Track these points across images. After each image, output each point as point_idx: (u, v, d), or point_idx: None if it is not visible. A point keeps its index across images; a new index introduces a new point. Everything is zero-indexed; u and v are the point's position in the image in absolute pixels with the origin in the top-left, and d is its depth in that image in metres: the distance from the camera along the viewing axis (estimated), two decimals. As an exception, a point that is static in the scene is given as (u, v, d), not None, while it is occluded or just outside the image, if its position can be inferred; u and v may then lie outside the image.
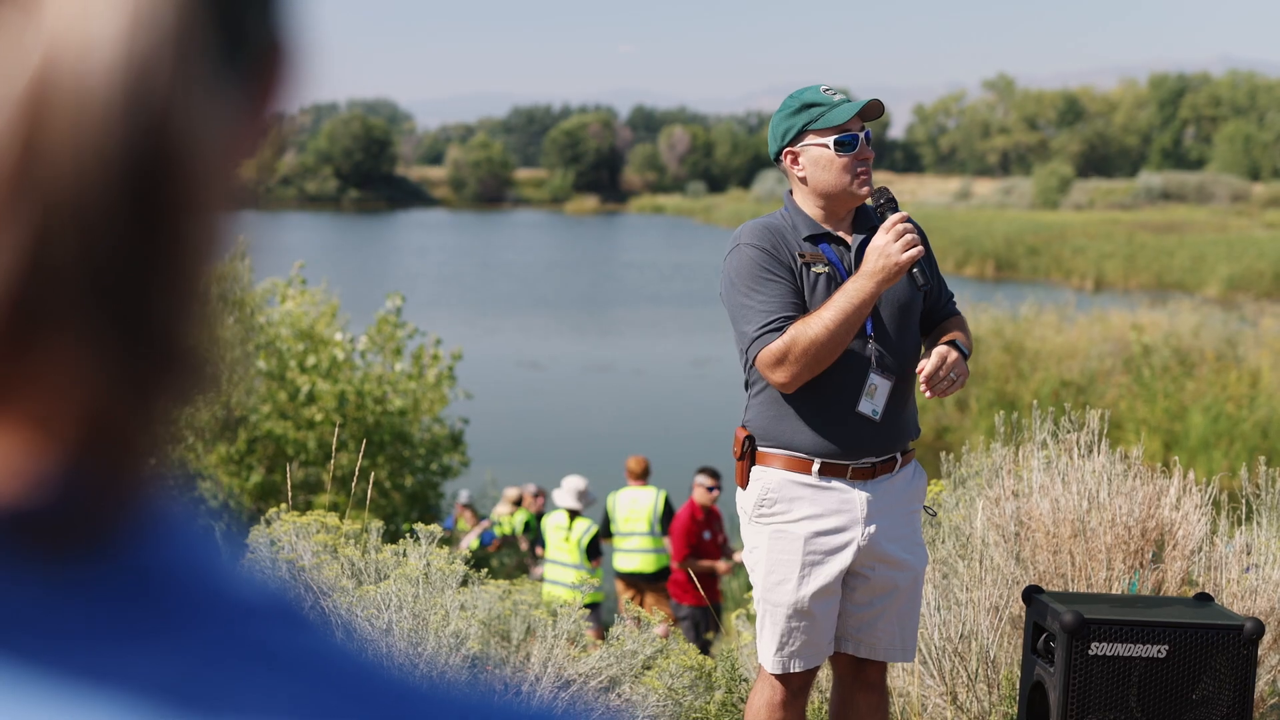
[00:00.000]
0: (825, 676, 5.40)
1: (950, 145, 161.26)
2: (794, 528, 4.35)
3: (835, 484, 4.35)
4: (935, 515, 5.86)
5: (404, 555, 5.39)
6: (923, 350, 4.57)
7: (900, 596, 4.46)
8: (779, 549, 4.37)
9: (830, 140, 4.32)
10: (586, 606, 5.46)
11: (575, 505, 12.27)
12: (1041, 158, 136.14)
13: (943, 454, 6.87)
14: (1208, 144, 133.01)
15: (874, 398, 4.36)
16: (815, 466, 4.34)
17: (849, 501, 4.36)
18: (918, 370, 4.35)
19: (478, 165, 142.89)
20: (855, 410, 4.34)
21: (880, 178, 4.57)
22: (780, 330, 4.24)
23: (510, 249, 78.48)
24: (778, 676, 4.43)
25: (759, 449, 4.39)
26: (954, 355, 4.34)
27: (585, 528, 12.11)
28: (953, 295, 4.70)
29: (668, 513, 12.08)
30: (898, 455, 4.45)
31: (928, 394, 4.33)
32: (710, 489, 11.75)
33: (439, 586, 5.29)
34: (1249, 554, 5.63)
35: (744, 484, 4.45)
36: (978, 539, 5.78)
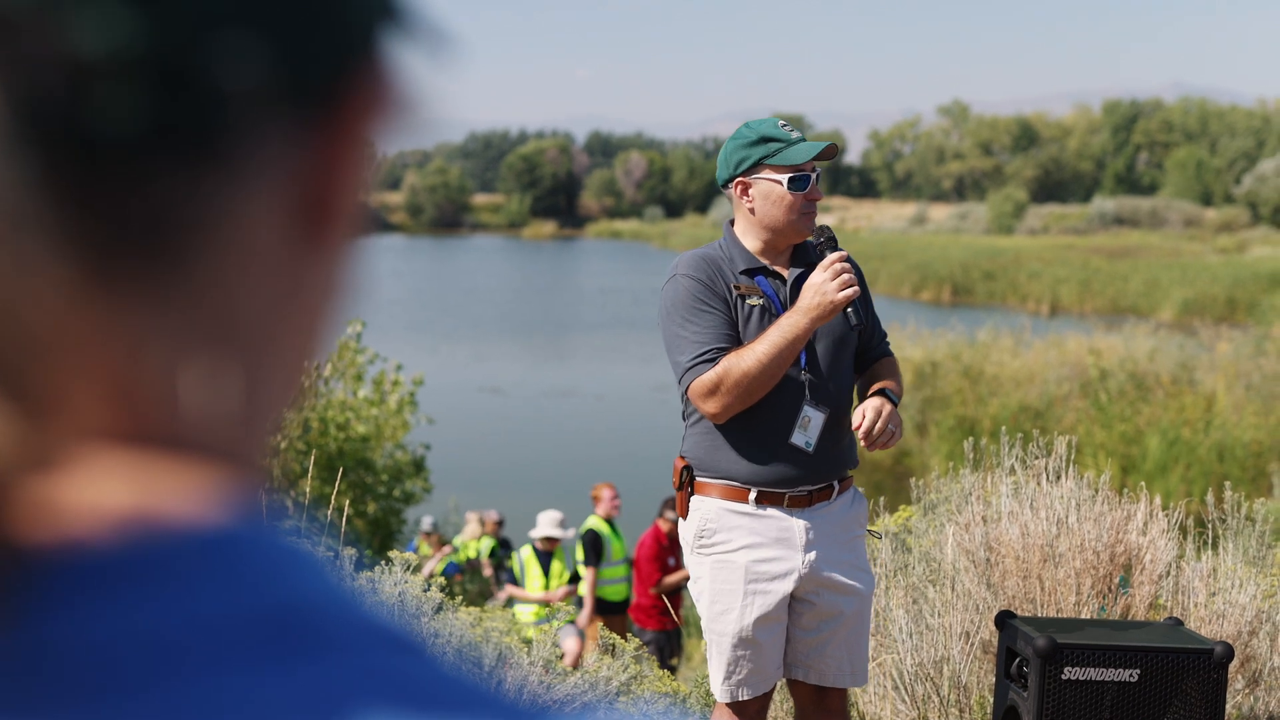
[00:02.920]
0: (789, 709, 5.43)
1: (906, 171, 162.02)
2: (735, 557, 4.38)
3: (772, 512, 4.38)
4: (881, 538, 5.91)
5: (378, 583, 5.40)
6: (855, 389, 4.62)
7: (847, 622, 4.48)
8: (721, 579, 4.39)
9: (785, 177, 4.34)
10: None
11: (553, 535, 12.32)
12: (996, 183, 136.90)
13: (912, 480, 6.93)
14: (1160, 170, 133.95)
15: (807, 430, 4.38)
16: (752, 495, 4.37)
17: (788, 529, 4.39)
18: (855, 427, 4.38)
19: (435, 190, 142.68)
20: (788, 442, 4.38)
21: (836, 203, 4.64)
22: (713, 361, 4.27)
23: (469, 274, 78.41)
24: (730, 705, 4.46)
25: (697, 479, 4.42)
26: (888, 407, 4.37)
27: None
28: (885, 335, 4.74)
29: (581, 539, 12.13)
30: (834, 483, 4.48)
31: (869, 449, 4.38)
32: (676, 523, 11.77)
33: (413, 614, 5.30)
34: (1214, 578, 5.69)
35: (684, 514, 4.48)
36: (948, 564, 5.83)
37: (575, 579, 12.18)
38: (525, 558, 12.24)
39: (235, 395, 0.53)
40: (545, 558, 12.23)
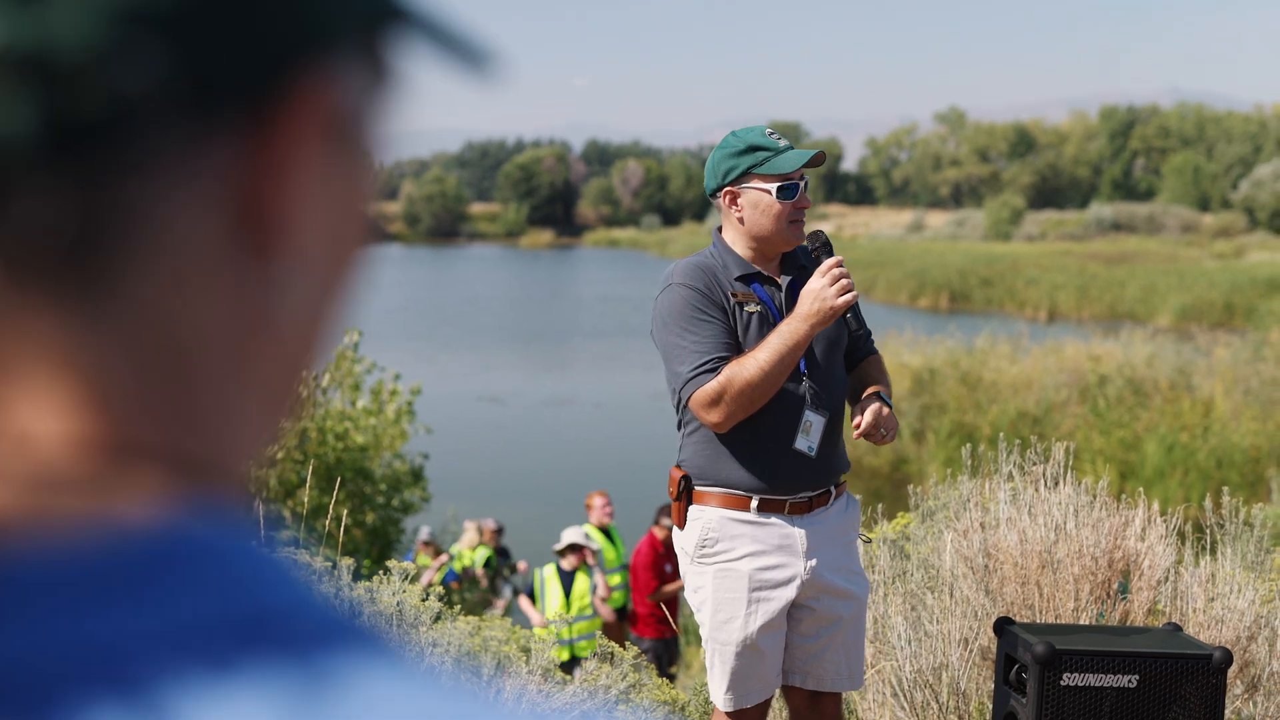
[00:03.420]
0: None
1: (903, 178, 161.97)
2: (739, 565, 4.37)
3: (774, 519, 4.39)
4: (870, 541, 5.91)
5: (376, 593, 5.39)
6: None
7: (845, 627, 4.50)
8: (725, 587, 4.39)
9: (773, 186, 4.34)
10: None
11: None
12: (993, 190, 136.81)
13: (910, 487, 6.92)
14: (1157, 175, 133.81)
15: (810, 435, 4.39)
16: (754, 503, 4.37)
17: (789, 536, 4.39)
18: (854, 425, 4.40)
19: (432, 200, 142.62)
20: (791, 448, 4.38)
21: (833, 210, 4.63)
22: (715, 371, 4.27)
23: (466, 283, 78.40)
24: (731, 714, 4.46)
25: (696, 488, 4.42)
26: (886, 410, 4.41)
27: None
28: (870, 333, 4.75)
29: None
30: (831, 488, 4.49)
31: (863, 438, 4.41)
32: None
33: (412, 623, 5.30)
34: (1213, 583, 5.69)
35: (682, 524, 4.46)
36: (946, 571, 5.82)
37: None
38: (546, 576, 11.77)
39: (186, 406, 0.53)
40: (568, 577, 11.68)
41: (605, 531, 12.32)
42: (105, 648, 0.47)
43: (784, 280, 4.46)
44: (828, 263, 4.33)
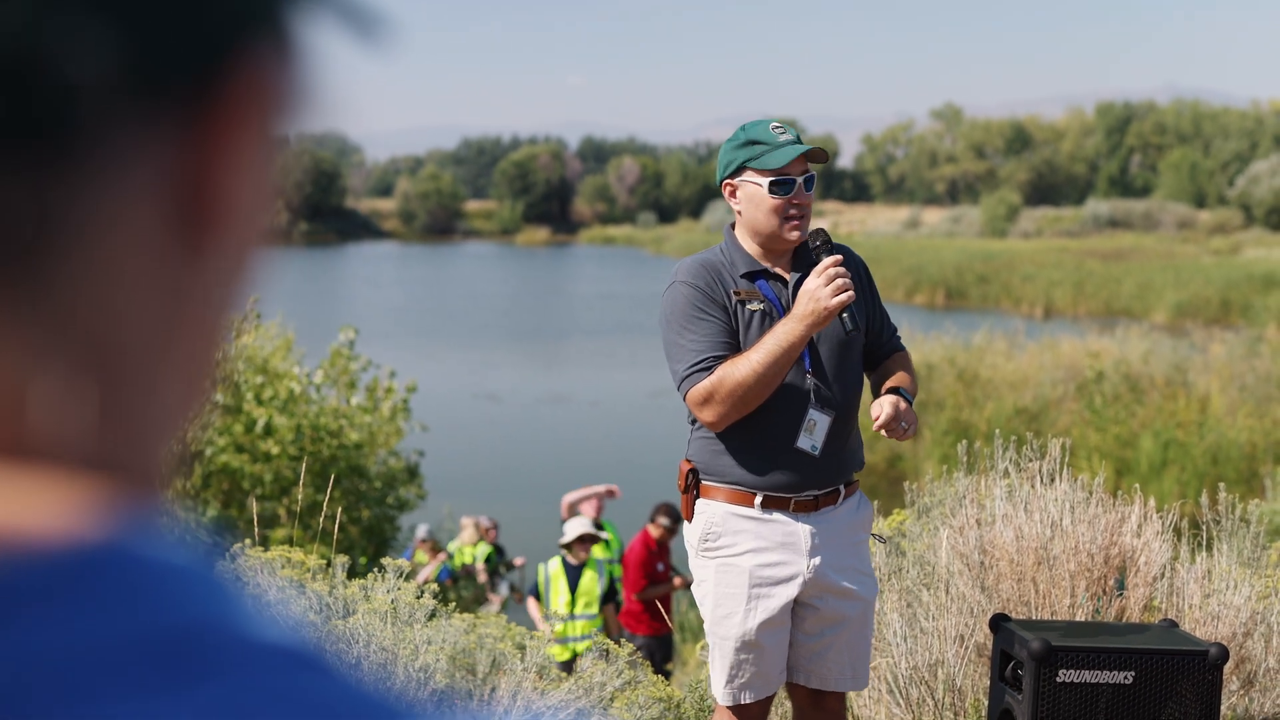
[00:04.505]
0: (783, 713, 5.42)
1: (899, 174, 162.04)
2: (739, 560, 4.37)
3: (778, 516, 4.37)
4: (886, 542, 5.88)
5: (371, 590, 5.39)
6: (866, 385, 4.61)
7: (849, 627, 4.48)
8: (725, 582, 4.38)
9: (766, 181, 4.32)
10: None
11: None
12: (989, 186, 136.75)
13: (905, 483, 6.92)
14: (1154, 172, 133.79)
15: (813, 433, 4.37)
16: (757, 499, 4.36)
17: (793, 534, 4.37)
18: (874, 418, 4.37)
19: (427, 197, 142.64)
20: (794, 446, 4.35)
21: (830, 207, 4.60)
22: (709, 370, 4.25)
23: (462, 281, 78.39)
24: (731, 708, 4.45)
25: (703, 482, 4.41)
26: (904, 405, 4.36)
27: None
28: (895, 329, 4.72)
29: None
30: (840, 488, 4.47)
31: (886, 436, 4.37)
32: (669, 529, 11.56)
33: (406, 621, 5.29)
34: (1209, 579, 5.68)
35: (689, 517, 4.47)
36: (942, 568, 5.82)
37: (609, 597, 11.77)
38: (552, 572, 11.41)
39: (116, 406, 0.51)
40: (574, 572, 11.34)
41: (598, 526, 12.31)
42: (17, 670, 0.45)
43: (792, 277, 4.43)
44: (825, 262, 4.29)
